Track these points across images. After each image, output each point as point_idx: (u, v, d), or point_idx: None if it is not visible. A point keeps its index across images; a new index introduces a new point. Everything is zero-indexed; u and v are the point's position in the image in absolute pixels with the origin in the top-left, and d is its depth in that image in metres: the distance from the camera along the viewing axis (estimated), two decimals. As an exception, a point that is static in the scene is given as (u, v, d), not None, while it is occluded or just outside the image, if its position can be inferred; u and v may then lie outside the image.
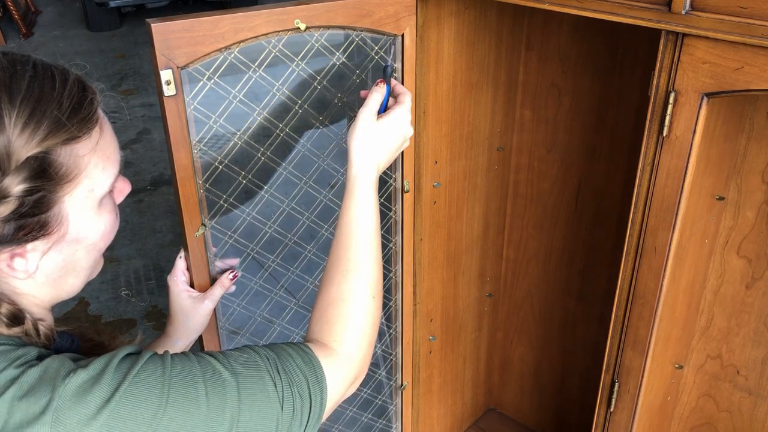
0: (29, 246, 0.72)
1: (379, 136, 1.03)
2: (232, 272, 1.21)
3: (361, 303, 0.97)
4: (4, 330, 0.73)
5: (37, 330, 0.75)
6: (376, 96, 1.06)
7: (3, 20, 5.95)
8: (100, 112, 0.77)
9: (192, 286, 1.20)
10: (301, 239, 1.41)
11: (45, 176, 0.69)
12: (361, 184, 1.01)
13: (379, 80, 1.09)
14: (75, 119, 0.71)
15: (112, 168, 0.77)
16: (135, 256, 3.28)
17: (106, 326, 2.85)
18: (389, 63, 1.09)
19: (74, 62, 0.80)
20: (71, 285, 0.80)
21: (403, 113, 1.07)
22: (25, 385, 0.67)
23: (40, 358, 0.71)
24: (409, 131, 1.09)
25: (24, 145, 0.67)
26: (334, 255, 0.99)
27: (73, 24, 6.42)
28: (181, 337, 1.16)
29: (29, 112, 0.68)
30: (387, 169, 1.46)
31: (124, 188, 0.84)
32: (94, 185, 0.75)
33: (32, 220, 0.70)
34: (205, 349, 1.28)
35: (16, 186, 0.67)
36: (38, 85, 0.70)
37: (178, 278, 1.18)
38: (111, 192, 0.80)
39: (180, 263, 1.18)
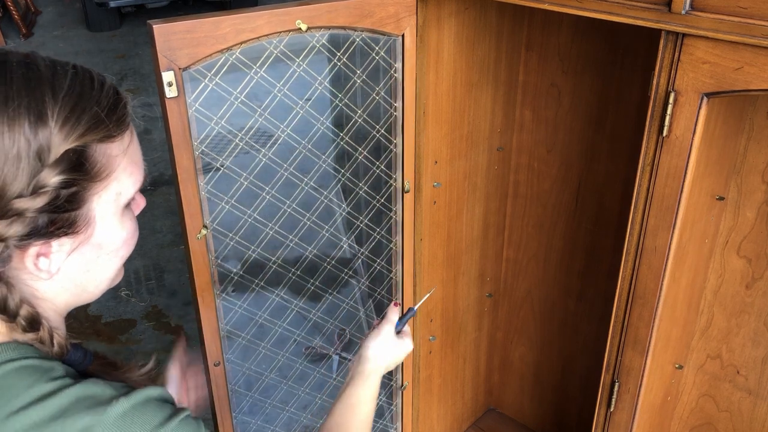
0: (55, 245, 0.72)
1: (393, 349, 1.20)
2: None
3: None
4: (19, 335, 0.73)
5: (51, 338, 0.75)
6: (396, 313, 1.23)
7: (3, 20, 5.94)
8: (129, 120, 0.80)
9: None
10: (302, 240, 1.42)
11: (81, 170, 0.71)
12: (373, 379, 1.16)
13: (394, 302, 1.27)
14: (112, 118, 0.74)
15: (139, 175, 0.79)
16: (135, 256, 3.28)
17: (106, 326, 2.86)
18: (414, 309, 1.28)
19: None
20: (90, 293, 0.81)
21: (409, 338, 1.25)
22: (65, 403, 0.68)
23: (68, 376, 0.72)
24: (410, 349, 1.25)
25: (64, 139, 0.69)
26: (335, 429, 1.10)
27: (73, 24, 6.42)
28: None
29: (71, 107, 0.70)
30: (387, 168, 1.47)
31: (141, 203, 0.86)
32: (121, 189, 0.76)
33: (63, 216, 0.71)
34: (206, 351, 1.28)
35: (53, 177, 0.69)
36: (79, 84, 0.73)
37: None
38: (131, 202, 0.81)
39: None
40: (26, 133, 0.67)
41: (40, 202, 0.69)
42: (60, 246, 0.73)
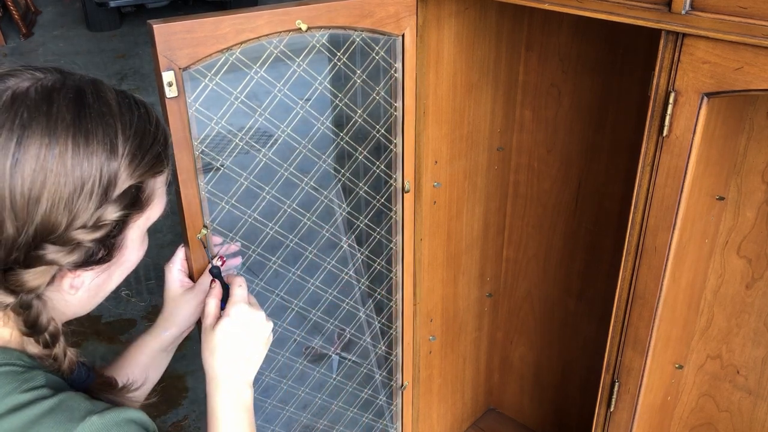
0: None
1: (225, 346, 0.96)
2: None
3: None
4: (33, 348, 0.73)
5: (64, 356, 0.76)
6: (210, 304, 1.01)
7: (3, 20, 5.94)
8: None
9: (190, 276, 1.18)
10: (303, 240, 1.41)
11: (135, 205, 0.75)
12: (221, 399, 0.94)
13: (210, 282, 1.03)
14: (166, 155, 0.78)
15: (165, 201, 0.83)
16: (135, 256, 3.28)
17: (106, 326, 2.86)
18: (212, 263, 1.02)
19: (74, 62, 0.83)
20: (95, 304, 0.82)
21: (238, 310, 0.98)
22: (38, 414, 0.68)
23: (49, 387, 0.71)
24: (259, 319, 0.98)
25: (129, 176, 0.72)
26: None
27: (73, 24, 6.42)
28: (170, 327, 1.12)
29: (137, 144, 0.73)
30: (387, 168, 1.47)
31: None
32: (152, 215, 0.80)
33: (111, 242, 0.75)
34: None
35: (114, 213, 0.72)
36: (141, 120, 0.75)
37: (174, 266, 1.15)
38: None
39: (180, 252, 1.16)
40: (102, 168, 0.70)
41: (98, 234, 0.71)
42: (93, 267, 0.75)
